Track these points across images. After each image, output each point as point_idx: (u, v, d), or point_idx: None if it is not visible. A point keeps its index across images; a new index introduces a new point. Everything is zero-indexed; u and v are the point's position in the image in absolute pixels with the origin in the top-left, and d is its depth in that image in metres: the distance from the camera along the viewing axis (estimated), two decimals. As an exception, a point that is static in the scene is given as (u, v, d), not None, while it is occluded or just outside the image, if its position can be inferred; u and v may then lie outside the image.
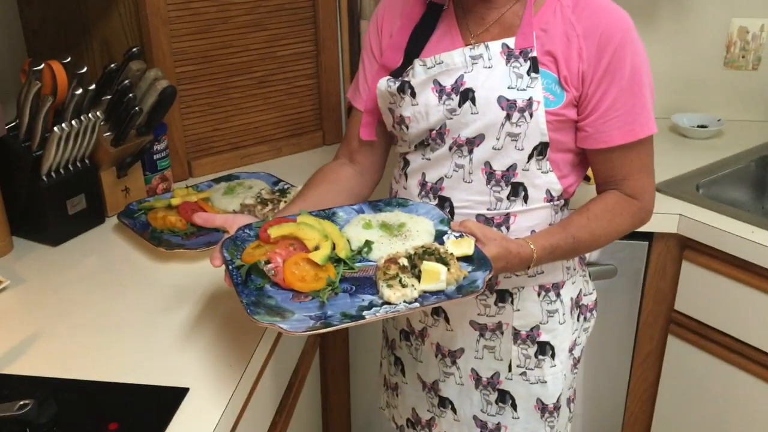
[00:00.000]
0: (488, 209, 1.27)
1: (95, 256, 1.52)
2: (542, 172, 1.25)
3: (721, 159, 1.95)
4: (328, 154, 2.01)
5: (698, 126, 2.13)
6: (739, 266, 1.60)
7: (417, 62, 1.27)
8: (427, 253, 1.11)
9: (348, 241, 1.18)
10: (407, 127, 1.29)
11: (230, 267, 1.10)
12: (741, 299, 1.62)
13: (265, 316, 1.02)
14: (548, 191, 1.27)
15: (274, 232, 1.14)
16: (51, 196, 1.52)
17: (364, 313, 1.03)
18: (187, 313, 1.31)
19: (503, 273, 1.25)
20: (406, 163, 1.34)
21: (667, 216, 1.67)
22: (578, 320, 1.40)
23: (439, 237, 1.19)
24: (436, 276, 1.06)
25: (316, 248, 1.13)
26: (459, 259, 1.11)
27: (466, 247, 1.13)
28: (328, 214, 1.24)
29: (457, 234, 1.17)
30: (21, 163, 1.49)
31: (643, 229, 1.65)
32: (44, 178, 1.51)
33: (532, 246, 1.19)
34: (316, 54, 1.99)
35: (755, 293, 1.59)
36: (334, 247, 1.15)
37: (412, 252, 1.12)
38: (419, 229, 1.21)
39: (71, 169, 1.55)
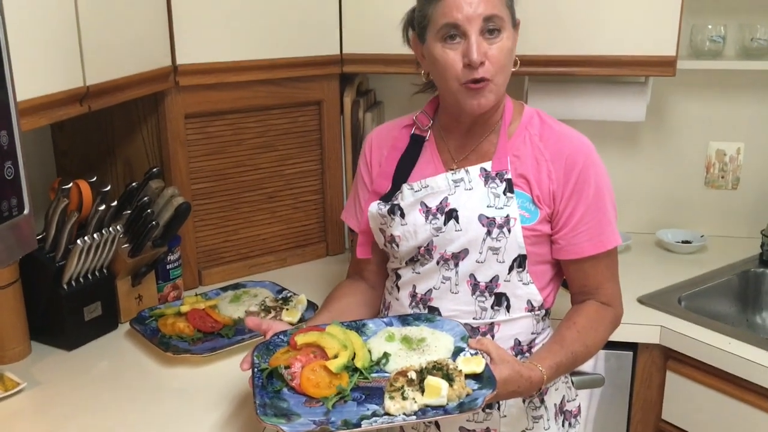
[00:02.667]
0: (474, 318, 1.37)
1: (107, 361, 1.61)
2: (523, 284, 1.36)
3: (703, 273, 2.03)
4: (330, 264, 2.13)
5: (682, 241, 2.23)
6: (718, 376, 1.66)
7: (405, 186, 1.40)
8: (435, 368, 1.16)
9: (370, 351, 1.25)
10: (398, 245, 1.41)
11: (255, 369, 1.20)
12: (723, 409, 1.66)
13: (272, 417, 1.09)
14: (529, 301, 1.37)
15: (300, 339, 1.24)
16: (70, 304, 1.63)
17: (363, 421, 1.10)
18: (191, 415, 1.38)
19: (514, 397, 1.30)
20: (398, 276, 1.45)
21: (649, 327, 1.74)
22: (563, 426, 1.46)
23: (458, 353, 1.24)
24: (437, 391, 1.11)
25: (336, 356, 1.20)
26: (468, 376, 1.15)
27: (476, 365, 1.17)
28: (358, 325, 1.33)
29: (474, 352, 1.22)
30: (44, 272, 1.61)
31: (626, 339, 1.73)
32: (65, 286, 1.62)
33: (541, 368, 1.25)
34: (322, 172, 2.14)
35: (734, 403, 1.63)
36: (355, 357, 1.22)
37: (424, 366, 1.18)
38: (438, 344, 1.27)
39: (90, 278, 1.67)
